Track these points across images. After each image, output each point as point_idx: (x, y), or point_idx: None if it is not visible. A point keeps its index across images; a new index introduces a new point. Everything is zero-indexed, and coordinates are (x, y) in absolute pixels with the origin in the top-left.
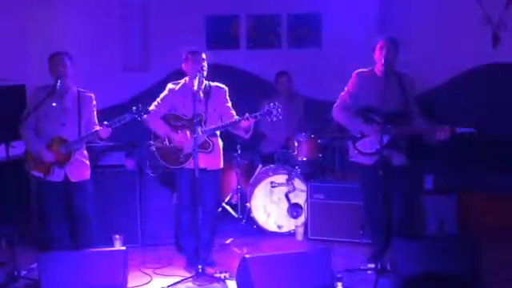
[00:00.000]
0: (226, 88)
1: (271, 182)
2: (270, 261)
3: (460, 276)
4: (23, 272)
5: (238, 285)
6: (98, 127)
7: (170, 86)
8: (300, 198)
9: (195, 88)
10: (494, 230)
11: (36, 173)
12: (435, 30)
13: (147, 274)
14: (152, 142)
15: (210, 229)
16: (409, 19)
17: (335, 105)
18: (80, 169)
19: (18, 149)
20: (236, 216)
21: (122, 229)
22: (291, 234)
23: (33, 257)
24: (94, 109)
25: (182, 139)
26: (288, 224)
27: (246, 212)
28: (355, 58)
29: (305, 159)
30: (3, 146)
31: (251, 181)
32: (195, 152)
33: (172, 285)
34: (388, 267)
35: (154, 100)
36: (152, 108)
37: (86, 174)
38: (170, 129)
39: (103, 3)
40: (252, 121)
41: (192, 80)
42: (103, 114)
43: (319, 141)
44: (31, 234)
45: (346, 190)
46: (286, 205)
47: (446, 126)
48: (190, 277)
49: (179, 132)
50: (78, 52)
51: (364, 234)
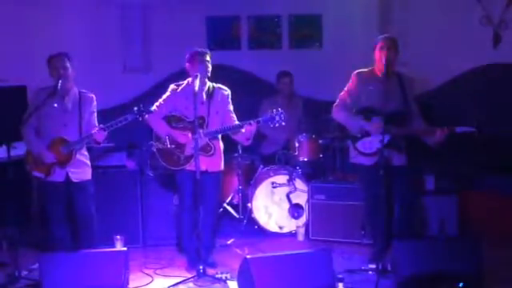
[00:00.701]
0: (229, 91)
1: (272, 183)
2: (272, 261)
3: (461, 276)
4: (24, 273)
5: (240, 285)
6: (95, 129)
7: (172, 86)
8: (301, 198)
9: (196, 89)
10: (495, 230)
11: (37, 173)
12: (436, 30)
13: (148, 275)
14: (153, 143)
15: (212, 230)
16: (409, 19)
17: (335, 104)
18: (81, 169)
19: (19, 149)
20: (237, 217)
21: (123, 229)
22: (292, 235)
23: (34, 257)
24: (95, 110)
25: (183, 140)
26: (289, 224)
27: (247, 212)
28: (356, 58)
29: (306, 160)
30: (5, 146)
31: (252, 181)
32: (196, 154)
33: (173, 285)
34: (389, 268)
35: (156, 101)
36: (154, 108)
37: (88, 175)
38: (172, 130)
39: (104, 4)
40: (254, 127)
41: (194, 81)
42: (105, 115)
43: (320, 141)
44: (32, 235)
45: (347, 190)
46: (287, 205)
47: (445, 128)
48: (191, 277)
49: (180, 133)
50: (79, 53)
51: (365, 235)
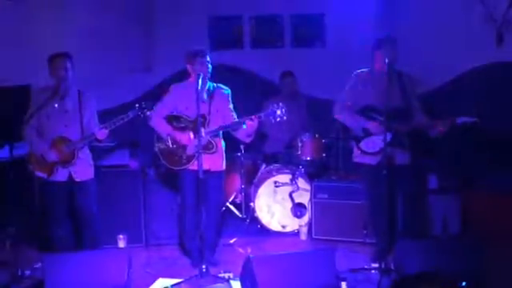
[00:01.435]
0: (229, 90)
1: (275, 182)
2: (274, 260)
3: (464, 275)
4: (27, 272)
5: (242, 285)
6: (96, 128)
7: (173, 86)
8: (304, 197)
9: (199, 87)
10: (498, 229)
11: (40, 173)
12: (438, 29)
13: (151, 274)
14: (155, 144)
15: (215, 229)
16: (412, 18)
17: (336, 105)
18: (84, 168)
19: (21, 149)
20: (240, 216)
21: (125, 229)
22: (295, 234)
23: (37, 257)
24: (95, 108)
25: (185, 140)
26: (292, 224)
27: (249, 212)
28: (358, 57)
29: (308, 159)
30: (7, 146)
31: (255, 180)
32: (199, 153)
33: (176, 285)
34: (392, 267)
35: (158, 101)
36: (155, 109)
37: (90, 174)
38: (173, 129)
39: (106, 4)
40: (256, 122)
41: (196, 80)
42: (107, 115)
43: (323, 140)
44: (35, 234)
45: (350, 189)
46: (289, 204)
47: (445, 119)
48: (194, 276)
49: (181, 134)
50: (81, 53)
51: (368, 234)
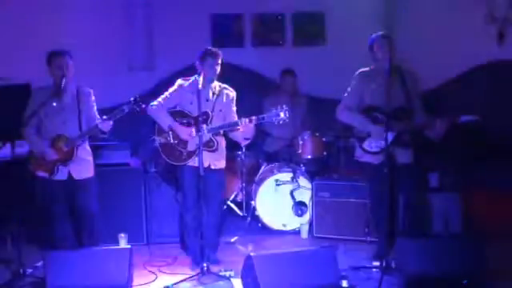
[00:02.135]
0: (235, 93)
1: (276, 180)
2: (275, 259)
3: (465, 274)
4: (29, 270)
5: (243, 283)
6: (98, 121)
7: (179, 81)
8: (305, 195)
9: (200, 86)
10: (499, 228)
11: (41, 173)
12: (440, 27)
13: (152, 272)
14: (156, 137)
15: (216, 227)
16: (413, 17)
17: (338, 106)
18: (84, 166)
19: (22, 148)
20: (241, 214)
21: (126, 227)
22: (296, 232)
23: (38, 255)
24: (94, 103)
25: (186, 134)
26: (293, 222)
27: (250, 210)
28: (360, 55)
29: (309, 157)
30: (8, 144)
31: (256, 179)
32: (200, 150)
33: (177, 283)
34: (393, 265)
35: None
36: (159, 100)
37: (90, 172)
38: (174, 122)
39: (107, 2)
40: (252, 126)
41: (198, 79)
42: (108, 113)
43: (324, 139)
44: (36, 233)
45: (351, 187)
46: (290, 203)
47: (444, 118)
48: (195, 275)
49: (183, 127)
50: (83, 51)
51: (369, 232)
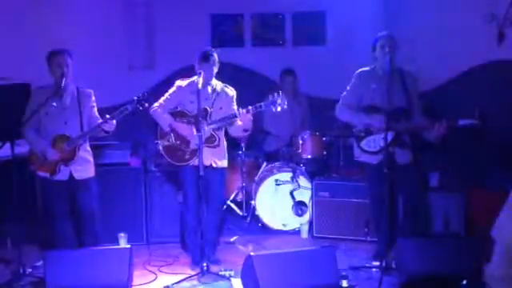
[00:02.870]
0: (235, 92)
1: (276, 180)
2: (275, 259)
3: (465, 274)
4: (28, 270)
5: (243, 283)
6: (100, 121)
7: (178, 82)
8: (305, 195)
9: (200, 86)
10: None
11: (42, 173)
12: (440, 27)
13: (152, 272)
14: (158, 141)
15: (216, 227)
16: (413, 17)
17: (338, 104)
18: (84, 166)
19: (23, 147)
20: (241, 214)
21: (127, 227)
22: (296, 232)
23: (38, 255)
24: (94, 104)
25: (186, 133)
26: (293, 222)
27: (250, 210)
28: (360, 55)
29: (309, 157)
30: (8, 144)
31: (256, 178)
32: (200, 150)
33: (177, 282)
34: (393, 265)
35: (161, 97)
36: (160, 102)
37: (91, 172)
38: (175, 122)
39: (107, 2)
40: (250, 115)
41: (198, 79)
42: (109, 113)
43: (324, 138)
44: (36, 232)
45: (351, 187)
46: (290, 203)
47: (443, 121)
48: (195, 274)
49: (183, 125)
50: (83, 51)
51: (369, 232)
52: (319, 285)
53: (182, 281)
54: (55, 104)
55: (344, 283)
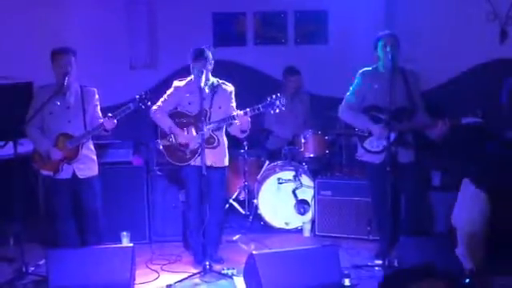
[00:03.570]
0: (233, 88)
1: (278, 179)
2: (277, 257)
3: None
4: (31, 268)
5: (246, 281)
6: (102, 120)
7: (176, 83)
8: (307, 194)
9: (202, 85)
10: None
11: (45, 172)
12: (442, 26)
13: (155, 271)
14: (159, 141)
15: (218, 226)
16: (415, 15)
17: (341, 105)
18: (88, 165)
19: (25, 146)
20: (243, 212)
21: (129, 225)
22: (298, 231)
23: (41, 253)
24: (98, 103)
25: (183, 137)
26: (295, 220)
27: (253, 208)
28: (362, 54)
29: (312, 156)
30: (11, 143)
31: (258, 177)
32: (202, 149)
33: (179, 281)
34: (395, 264)
35: (162, 97)
36: (159, 104)
37: (94, 170)
38: (174, 126)
39: (110, 1)
40: (247, 117)
41: (198, 77)
42: (110, 112)
43: (326, 137)
44: (39, 231)
45: (354, 186)
46: (293, 201)
47: (446, 119)
48: (198, 273)
49: (184, 128)
50: (85, 50)
51: (371, 231)
52: (321, 283)
53: (184, 279)
54: (59, 103)
55: (346, 282)
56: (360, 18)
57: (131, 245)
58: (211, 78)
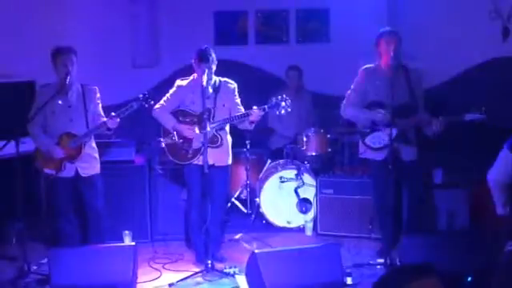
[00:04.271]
0: (236, 84)
1: (280, 177)
2: (279, 256)
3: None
4: (34, 267)
5: (248, 280)
6: (105, 118)
7: (178, 82)
8: (309, 192)
9: (204, 84)
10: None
11: (48, 170)
12: (445, 24)
13: (157, 270)
14: (162, 139)
15: (220, 224)
16: (418, 13)
17: (343, 103)
18: (90, 164)
19: (27, 145)
20: (245, 211)
21: (131, 224)
22: (300, 229)
23: (43, 252)
24: (99, 101)
25: (189, 135)
26: (297, 219)
27: (255, 207)
28: (364, 52)
29: (314, 154)
30: (13, 142)
31: (260, 176)
32: (205, 148)
33: (181, 280)
34: (397, 262)
35: (164, 96)
36: (161, 103)
37: (96, 169)
38: (178, 123)
39: (111, 0)
40: (260, 114)
41: (201, 76)
42: (113, 111)
43: (328, 135)
44: (41, 230)
45: (356, 184)
46: (295, 200)
47: (441, 118)
48: (200, 272)
49: (186, 127)
50: (87, 49)
51: (373, 229)
52: (323, 282)
53: (186, 278)
54: (60, 102)
55: (348, 280)
56: (362, 16)
57: (133, 243)
58: (214, 77)
